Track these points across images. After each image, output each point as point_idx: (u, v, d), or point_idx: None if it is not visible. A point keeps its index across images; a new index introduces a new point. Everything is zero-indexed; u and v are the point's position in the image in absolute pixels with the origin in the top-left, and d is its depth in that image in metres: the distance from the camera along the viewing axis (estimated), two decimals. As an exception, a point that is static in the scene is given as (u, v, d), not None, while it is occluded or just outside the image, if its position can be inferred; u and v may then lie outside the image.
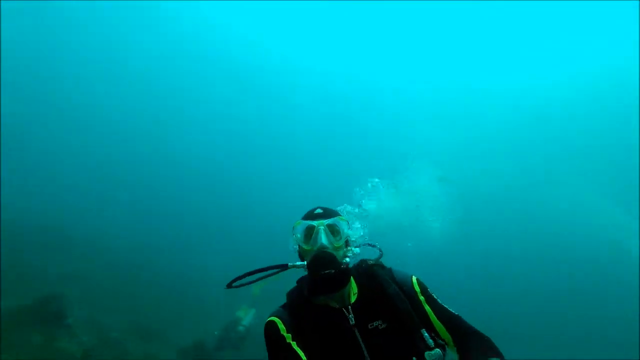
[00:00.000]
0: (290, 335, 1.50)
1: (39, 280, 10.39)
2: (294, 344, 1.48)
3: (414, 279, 1.68)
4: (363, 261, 1.79)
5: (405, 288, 1.63)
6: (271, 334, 1.52)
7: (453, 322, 1.55)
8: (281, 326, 1.52)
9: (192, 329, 10.82)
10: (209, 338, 9.92)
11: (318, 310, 1.58)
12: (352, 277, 1.67)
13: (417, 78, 21.03)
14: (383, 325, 1.53)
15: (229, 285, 1.65)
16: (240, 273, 1.65)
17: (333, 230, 1.66)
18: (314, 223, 1.65)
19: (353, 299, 1.62)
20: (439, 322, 1.56)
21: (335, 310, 1.58)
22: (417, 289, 1.64)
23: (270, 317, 1.58)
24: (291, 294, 1.69)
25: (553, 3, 18.04)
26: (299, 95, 21.47)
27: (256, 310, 12.21)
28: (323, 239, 1.60)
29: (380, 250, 1.88)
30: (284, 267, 1.65)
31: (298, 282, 1.70)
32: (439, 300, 1.64)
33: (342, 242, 1.65)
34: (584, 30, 18.69)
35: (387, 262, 1.81)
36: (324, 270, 1.51)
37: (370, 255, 1.86)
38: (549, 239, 17.05)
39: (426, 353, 1.45)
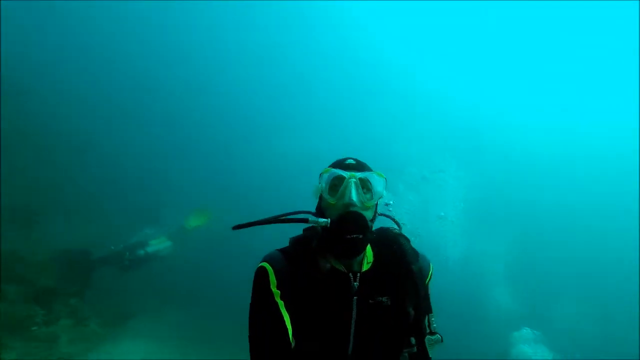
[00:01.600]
0: (279, 292, 1.34)
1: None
2: (281, 304, 1.33)
3: (432, 266, 1.57)
4: (385, 229, 1.59)
5: (422, 271, 1.51)
6: (260, 284, 1.36)
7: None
8: (272, 278, 1.35)
9: (85, 234, 9.19)
10: (98, 248, 8.40)
11: (321, 269, 1.39)
12: (369, 245, 1.48)
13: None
14: (387, 302, 1.40)
15: (236, 227, 1.44)
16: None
17: (365, 186, 1.40)
18: (345, 174, 1.38)
19: (365, 267, 1.44)
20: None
21: (340, 273, 1.40)
22: (430, 275, 1.55)
23: (263, 261, 1.40)
24: (296, 243, 1.47)
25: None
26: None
27: (173, 244, 11.07)
28: (353, 194, 1.34)
29: (399, 225, 1.64)
30: (304, 220, 1.41)
31: (305, 231, 1.49)
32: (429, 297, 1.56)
33: (374, 202, 1.42)
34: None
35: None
36: (351, 234, 1.31)
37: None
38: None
39: (427, 337, 1.44)
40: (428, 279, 1.52)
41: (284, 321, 1.30)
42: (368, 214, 1.39)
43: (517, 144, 17.70)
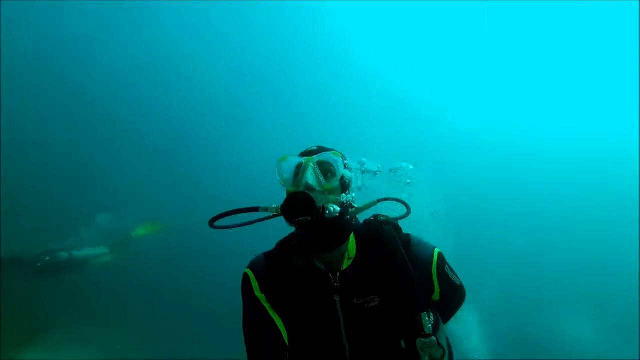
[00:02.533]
0: (264, 296, 1.33)
1: None
2: (268, 307, 1.32)
3: (436, 251, 1.40)
4: (373, 217, 1.46)
5: (420, 261, 1.35)
6: (245, 291, 1.37)
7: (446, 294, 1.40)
8: (254, 283, 1.35)
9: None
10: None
11: (300, 269, 1.33)
12: (352, 237, 1.38)
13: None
14: (375, 302, 1.28)
15: (211, 225, 1.38)
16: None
17: (326, 170, 1.32)
18: (302, 159, 1.33)
19: (346, 264, 1.33)
20: (438, 297, 1.37)
21: (319, 273, 1.32)
22: (435, 263, 1.37)
23: (247, 267, 1.41)
24: (279, 243, 1.45)
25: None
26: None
27: (112, 252, 9.79)
28: (309, 177, 1.26)
29: (408, 208, 1.52)
30: (254, 209, 1.36)
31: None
32: (452, 277, 1.42)
33: (334, 184, 1.30)
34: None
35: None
36: (297, 217, 1.19)
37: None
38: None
39: (419, 340, 1.23)
40: (433, 269, 1.36)
41: (275, 325, 1.28)
42: (331, 198, 1.27)
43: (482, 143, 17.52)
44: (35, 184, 10.92)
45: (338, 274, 1.30)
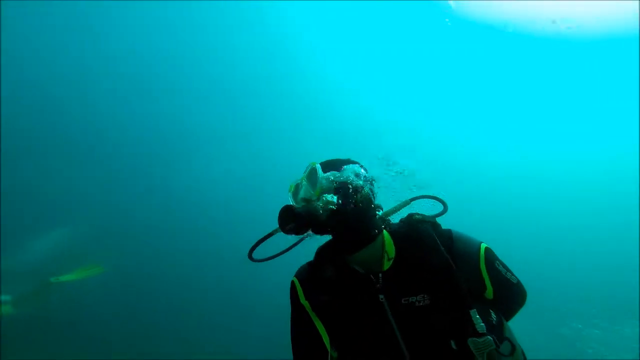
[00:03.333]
0: (308, 303, 1.33)
1: None
2: (313, 315, 1.31)
3: (483, 246, 1.32)
4: (408, 216, 1.41)
5: (464, 257, 1.28)
6: (293, 298, 1.39)
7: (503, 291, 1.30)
8: (300, 292, 1.36)
9: None
10: None
11: (342, 274, 1.30)
12: (389, 237, 1.35)
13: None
14: (426, 301, 1.21)
15: (250, 258, 1.40)
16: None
17: (315, 182, 1.33)
18: (299, 181, 1.40)
19: (387, 265, 1.29)
20: (492, 295, 1.28)
21: (361, 276, 1.28)
22: (482, 259, 1.29)
23: (294, 276, 1.43)
24: (320, 251, 1.44)
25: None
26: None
27: (14, 303, 8.44)
28: (301, 192, 1.35)
29: (445, 205, 1.45)
30: (275, 232, 1.37)
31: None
32: (506, 273, 1.33)
33: (322, 185, 1.29)
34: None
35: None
36: (285, 228, 1.24)
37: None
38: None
39: (471, 340, 1.14)
40: (481, 266, 1.28)
41: (318, 332, 1.27)
42: (320, 202, 1.26)
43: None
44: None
45: (380, 275, 1.26)
